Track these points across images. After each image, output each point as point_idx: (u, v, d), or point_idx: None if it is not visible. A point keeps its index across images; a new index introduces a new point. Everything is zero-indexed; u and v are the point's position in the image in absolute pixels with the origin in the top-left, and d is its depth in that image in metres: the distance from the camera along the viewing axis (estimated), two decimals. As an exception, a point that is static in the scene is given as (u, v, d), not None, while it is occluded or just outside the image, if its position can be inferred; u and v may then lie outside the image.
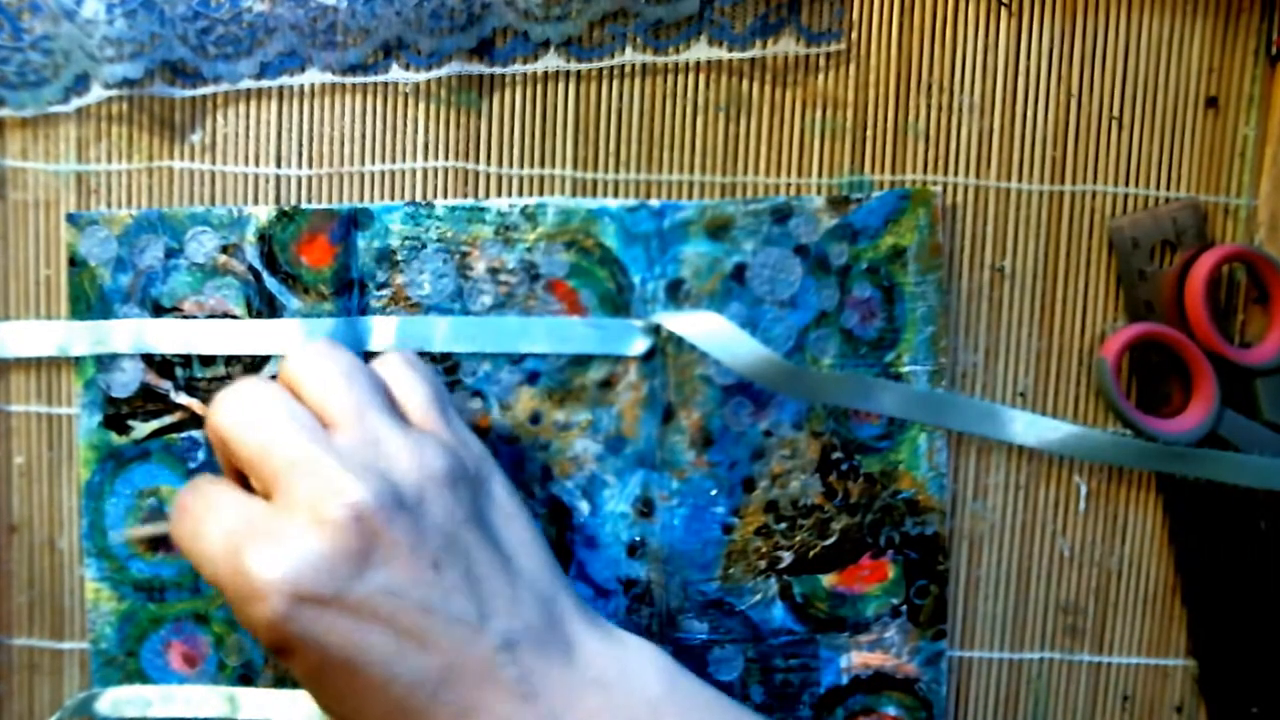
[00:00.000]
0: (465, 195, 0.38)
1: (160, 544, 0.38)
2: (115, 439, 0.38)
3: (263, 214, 0.37)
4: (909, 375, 0.38)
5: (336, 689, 0.29)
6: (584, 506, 0.38)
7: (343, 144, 0.38)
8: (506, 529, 0.32)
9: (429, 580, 0.29)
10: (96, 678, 0.39)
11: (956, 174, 0.38)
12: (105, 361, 0.38)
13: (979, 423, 0.38)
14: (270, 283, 0.38)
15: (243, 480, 0.32)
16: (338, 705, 0.30)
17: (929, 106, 0.38)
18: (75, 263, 0.38)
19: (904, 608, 0.38)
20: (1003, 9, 0.37)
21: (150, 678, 0.39)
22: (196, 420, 0.38)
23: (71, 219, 0.38)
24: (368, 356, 0.37)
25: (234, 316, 0.38)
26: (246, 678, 0.38)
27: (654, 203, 0.37)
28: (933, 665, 0.38)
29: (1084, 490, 0.39)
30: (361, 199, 0.38)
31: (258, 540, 0.29)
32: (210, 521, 0.30)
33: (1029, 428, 0.38)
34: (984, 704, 0.39)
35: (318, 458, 0.29)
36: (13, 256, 0.38)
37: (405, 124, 0.38)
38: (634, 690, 0.30)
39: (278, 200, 0.38)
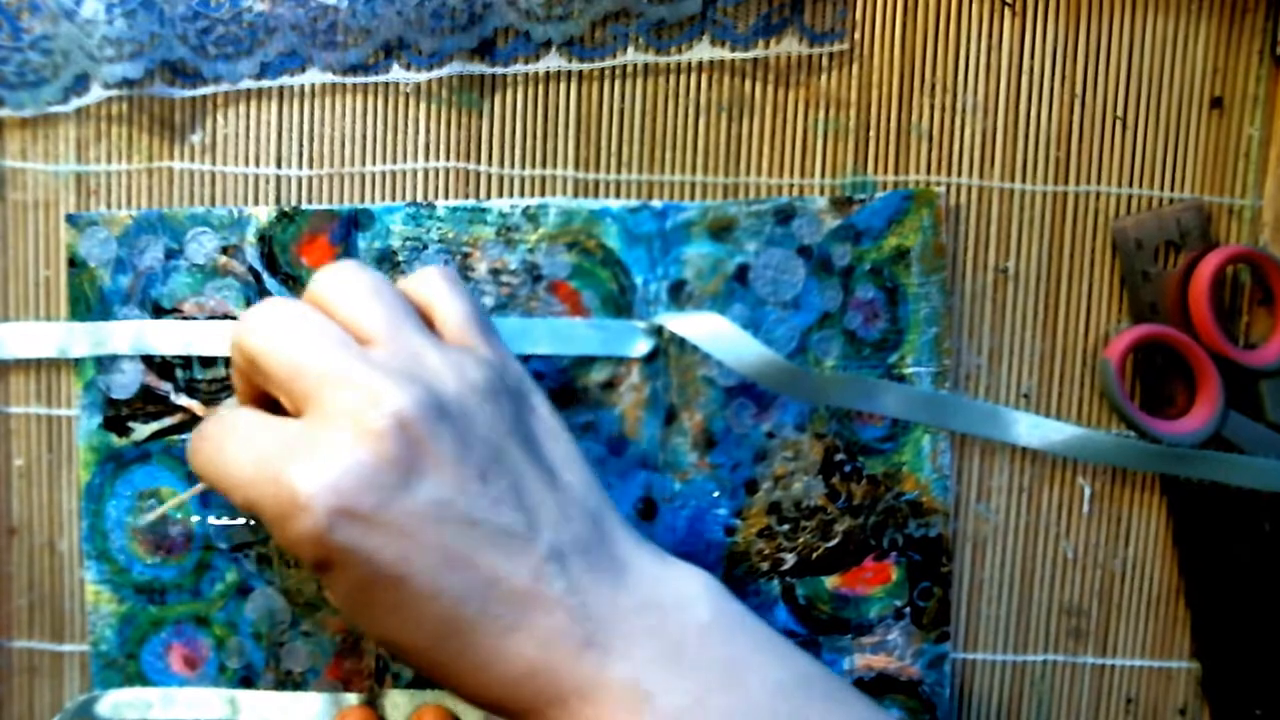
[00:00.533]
0: (466, 196, 0.38)
1: (160, 546, 0.38)
2: (115, 441, 0.38)
3: (263, 215, 0.37)
4: (912, 377, 0.38)
5: (381, 605, 0.28)
6: None
7: (343, 144, 0.38)
8: (551, 445, 0.31)
9: (475, 491, 0.28)
10: (97, 680, 0.38)
11: (960, 174, 0.38)
12: (105, 363, 0.38)
13: (982, 424, 0.38)
14: (271, 284, 0.37)
15: (267, 407, 0.31)
16: (381, 623, 0.29)
17: (932, 107, 0.38)
18: (75, 264, 0.38)
19: (907, 610, 0.38)
20: (1006, 9, 0.37)
21: (151, 680, 0.39)
22: (197, 421, 0.38)
23: (71, 220, 0.38)
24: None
25: (234, 318, 0.38)
26: (247, 680, 0.38)
27: (656, 203, 0.37)
28: (936, 668, 0.38)
29: (1088, 492, 0.39)
30: (362, 200, 0.38)
31: (296, 455, 0.28)
32: (236, 443, 0.29)
33: (1033, 429, 0.38)
34: (987, 706, 0.39)
35: (355, 369, 0.28)
36: (12, 258, 0.38)
37: (406, 124, 0.38)
38: (684, 615, 0.30)
39: (278, 201, 0.38)
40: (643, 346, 0.37)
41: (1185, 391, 0.38)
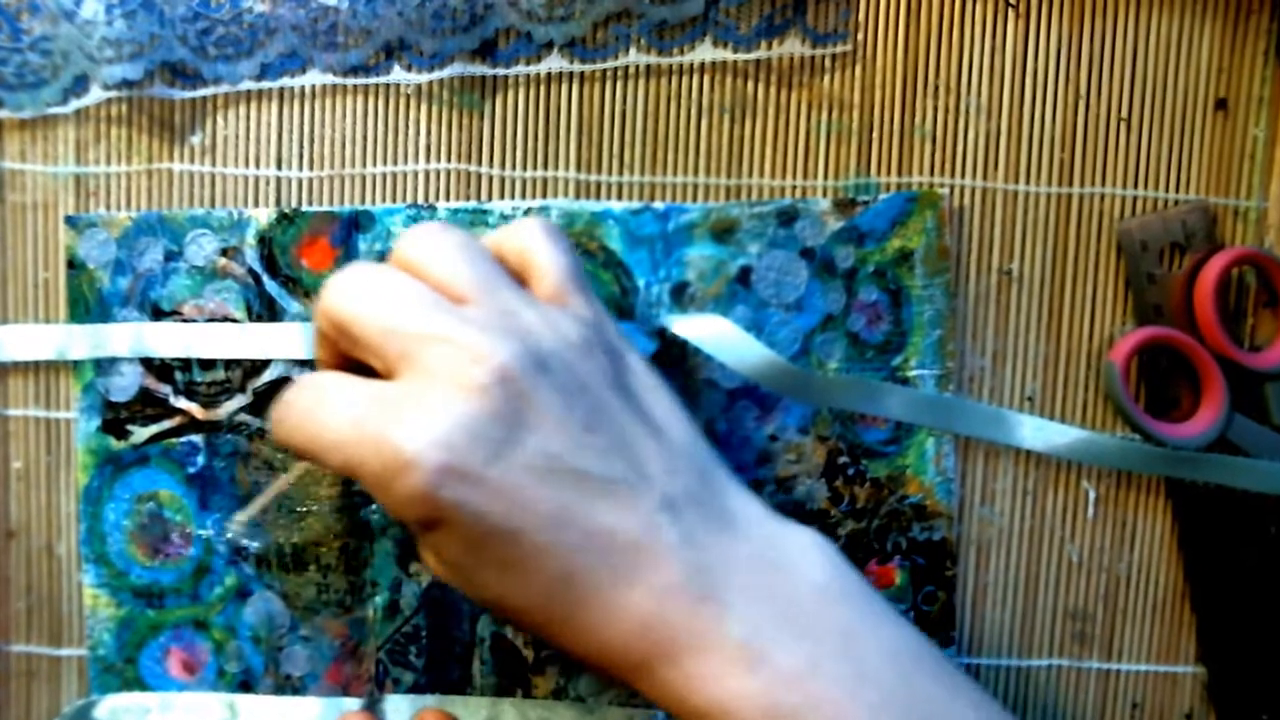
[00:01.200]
0: (468, 197, 0.38)
1: (156, 551, 0.38)
2: (114, 444, 0.38)
3: (263, 216, 0.37)
4: (916, 379, 0.37)
5: (491, 564, 0.28)
6: None
7: (344, 146, 0.37)
8: (652, 400, 0.30)
9: (582, 442, 0.28)
10: (95, 685, 0.38)
11: (964, 176, 0.38)
12: (104, 365, 0.38)
13: (986, 427, 0.38)
14: (270, 286, 0.37)
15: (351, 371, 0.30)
16: (490, 583, 0.28)
17: (936, 108, 0.37)
18: (74, 265, 0.38)
19: (911, 614, 0.38)
20: (1010, 10, 0.37)
21: (149, 685, 0.38)
22: (196, 424, 0.38)
23: (70, 221, 0.38)
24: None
25: (234, 320, 0.37)
26: (246, 684, 0.38)
27: (658, 205, 0.37)
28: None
29: (1093, 495, 0.38)
30: (363, 201, 0.38)
31: (398, 414, 0.27)
32: (330, 406, 0.28)
33: (1037, 432, 0.38)
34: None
35: (451, 326, 0.28)
36: (11, 259, 0.38)
37: (407, 126, 0.37)
38: (798, 574, 0.29)
39: (278, 202, 0.38)
40: (645, 349, 0.37)
41: (1190, 394, 0.38)
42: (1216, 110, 0.38)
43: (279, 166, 0.38)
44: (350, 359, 0.30)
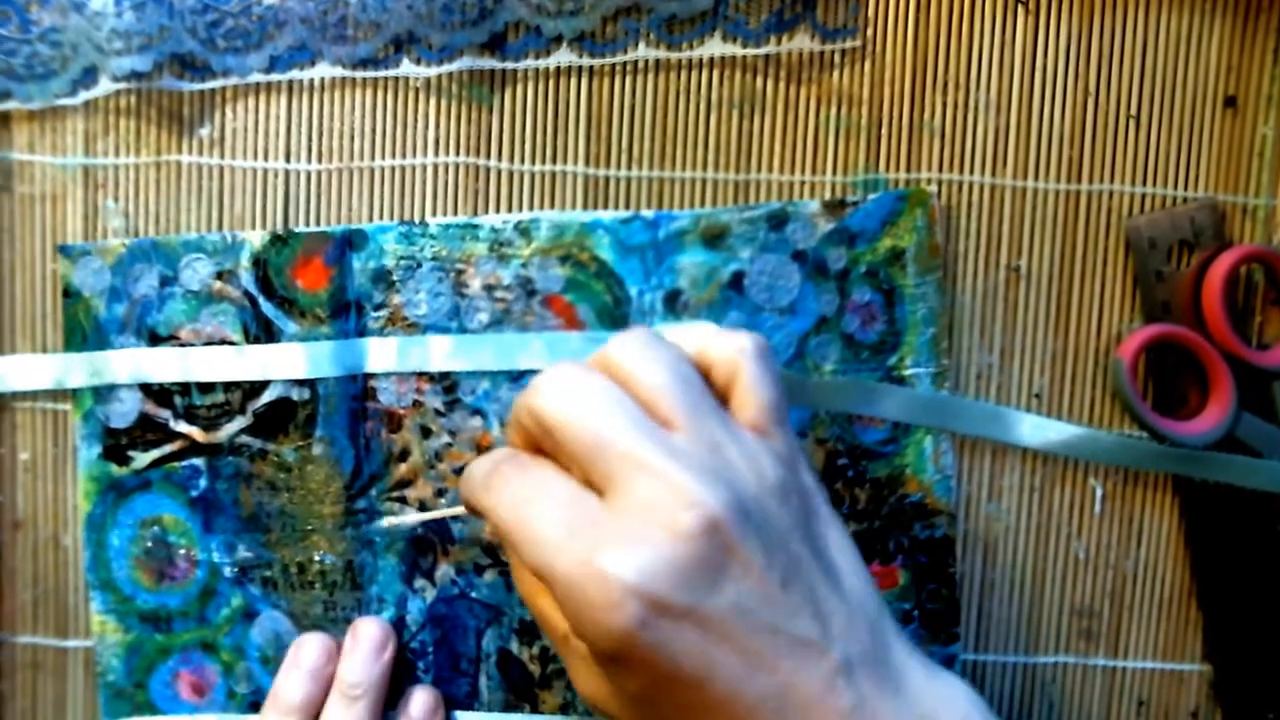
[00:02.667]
0: (476, 191, 0.38)
1: (161, 575, 0.38)
2: (115, 470, 0.38)
3: (256, 239, 0.37)
4: (912, 378, 0.37)
5: (674, 705, 0.28)
6: None
7: (353, 139, 0.37)
8: (833, 544, 0.30)
9: (778, 599, 0.28)
10: (105, 710, 0.38)
11: (972, 172, 0.38)
12: (103, 393, 0.38)
13: (985, 425, 0.38)
14: (266, 307, 0.37)
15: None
16: None
17: (944, 104, 0.37)
18: (69, 294, 0.38)
19: (916, 613, 0.38)
20: (1020, 6, 0.37)
21: (160, 709, 0.38)
22: (197, 448, 0.38)
23: (64, 250, 0.37)
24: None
25: (231, 343, 0.37)
26: (256, 705, 0.38)
27: (648, 213, 0.37)
28: (946, 669, 0.38)
29: (1099, 493, 0.38)
30: (372, 194, 0.38)
31: (609, 540, 0.27)
32: (543, 504, 0.29)
33: (1035, 429, 0.38)
34: (998, 708, 0.39)
35: (661, 458, 0.28)
36: (19, 250, 0.38)
37: (416, 119, 0.37)
38: None
39: (286, 194, 0.38)
40: None
41: (1198, 392, 0.38)
42: (1225, 108, 0.38)
43: (288, 159, 0.38)
44: (542, 450, 0.30)
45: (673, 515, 0.27)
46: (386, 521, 0.37)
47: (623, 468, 0.28)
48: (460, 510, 0.33)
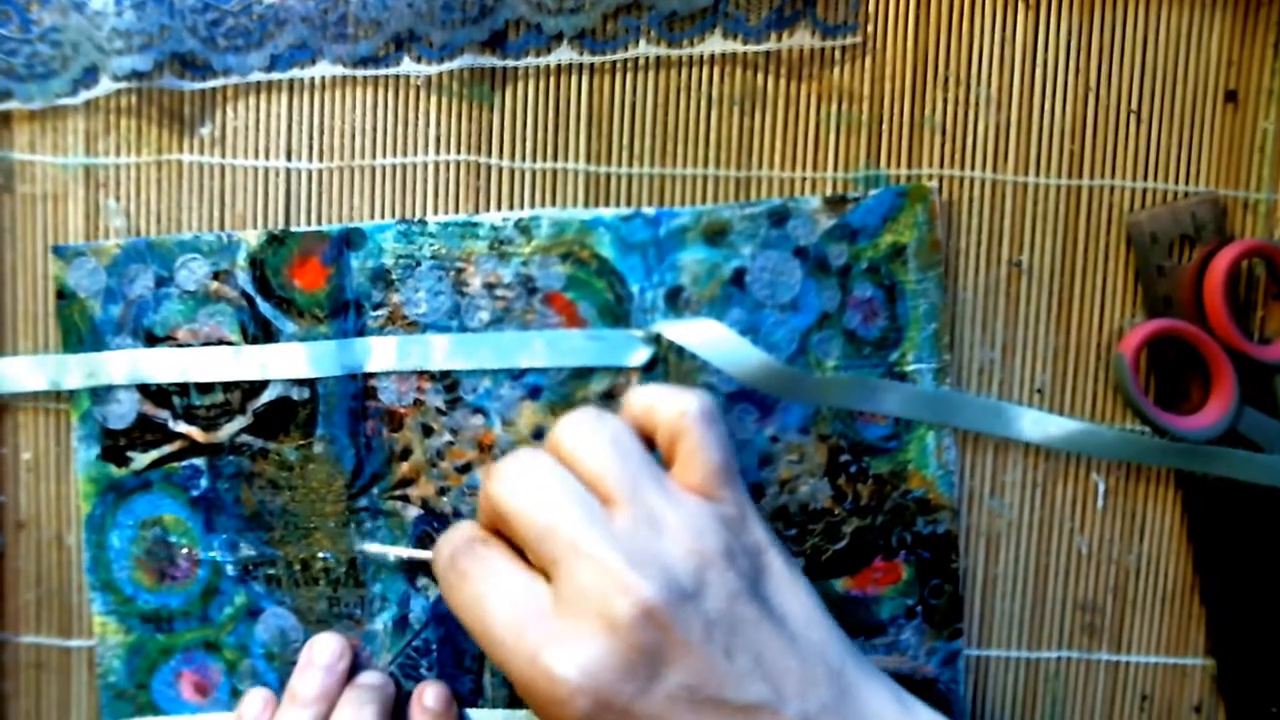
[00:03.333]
0: (477, 189, 0.38)
1: (162, 575, 0.38)
2: (114, 471, 0.38)
3: (253, 238, 0.37)
4: (914, 374, 0.37)
5: None
6: None
7: (353, 137, 0.37)
8: (786, 599, 0.31)
9: (722, 670, 0.29)
10: (106, 712, 0.38)
11: (973, 168, 0.38)
12: (100, 394, 0.38)
13: (986, 420, 0.38)
14: (264, 307, 0.37)
15: (504, 538, 0.32)
16: None
17: (945, 100, 0.37)
18: (64, 295, 0.38)
19: (919, 608, 0.38)
20: (1020, 2, 0.37)
21: (162, 709, 0.38)
22: (196, 448, 0.38)
23: (58, 251, 0.37)
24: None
25: (229, 343, 0.37)
26: None
27: (649, 210, 0.37)
28: (950, 665, 0.38)
29: (1102, 487, 0.38)
30: (373, 193, 0.38)
31: (551, 636, 0.29)
32: (493, 596, 0.30)
33: (1036, 424, 0.38)
34: (1002, 703, 0.39)
35: (600, 547, 0.29)
36: (20, 250, 0.38)
37: (417, 117, 0.37)
38: None
39: (287, 193, 0.38)
40: (641, 355, 0.37)
41: (1200, 386, 0.38)
42: (1226, 102, 0.38)
43: (288, 158, 0.38)
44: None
45: (607, 604, 0.29)
46: (370, 548, 0.38)
47: (565, 554, 0.29)
48: (423, 554, 0.36)
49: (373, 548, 0.38)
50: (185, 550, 0.38)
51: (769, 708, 0.29)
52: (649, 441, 0.33)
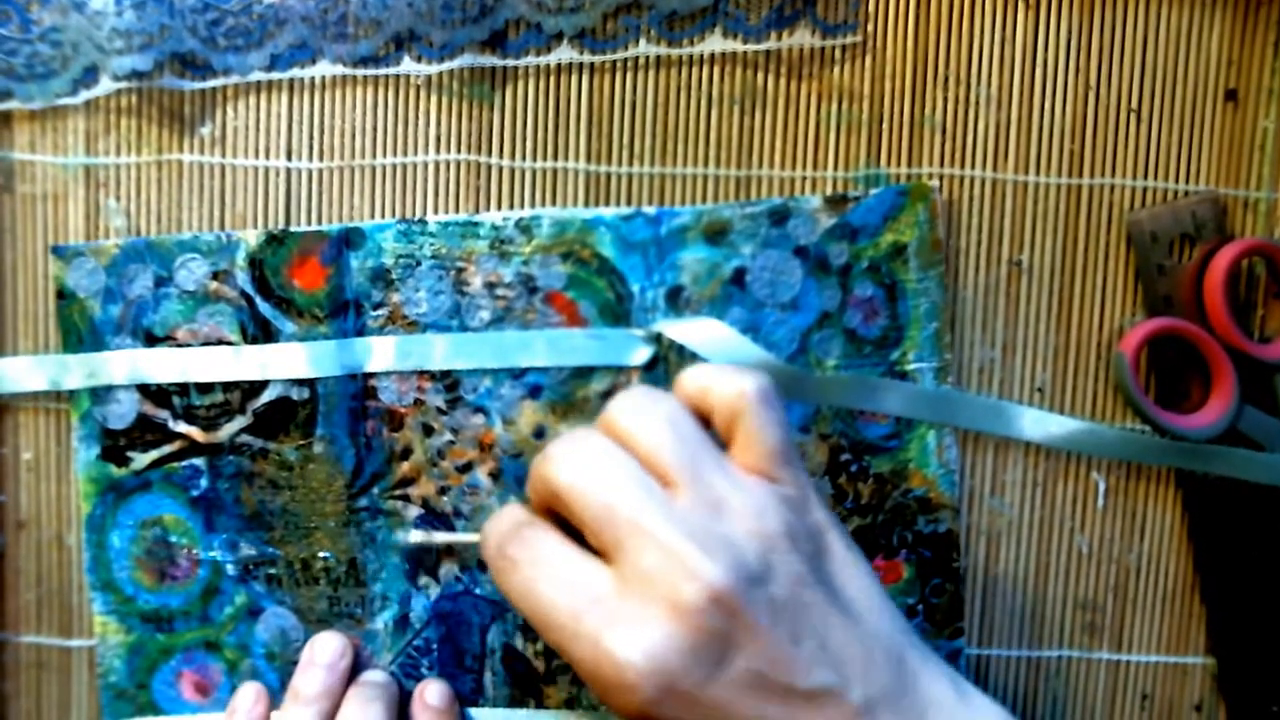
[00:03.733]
0: (478, 188, 0.38)
1: (163, 575, 0.38)
2: (115, 471, 0.38)
3: (252, 238, 0.37)
4: (915, 373, 0.37)
5: None
6: None
7: (354, 136, 0.37)
8: (848, 581, 0.31)
9: (789, 656, 0.28)
10: (107, 712, 0.38)
11: (973, 167, 0.38)
12: (100, 394, 0.38)
13: (986, 419, 0.38)
14: (264, 307, 0.37)
15: (557, 521, 0.31)
16: None
17: (946, 99, 0.37)
18: (64, 295, 0.37)
19: (920, 607, 0.38)
20: (1020, 1, 0.37)
21: (162, 709, 0.38)
22: (196, 447, 0.38)
23: (57, 251, 0.37)
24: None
25: (228, 343, 0.37)
26: None
27: (650, 210, 0.37)
28: (951, 663, 0.38)
29: (1102, 486, 0.38)
30: (373, 192, 0.38)
31: (614, 619, 0.28)
32: (548, 581, 0.30)
33: (1037, 423, 0.38)
34: (1002, 702, 0.38)
35: (664, 529, 0.28)
36: (20, 250, 0.38)
37: (417, 117, 0.37)
38: None
39: (288, 192, 0.38)
40: (642, 354, 0.37)
41: (1200, 385, 0.38)
42: (1226, 101, 0.38)
43: (289, 157, 0.38)
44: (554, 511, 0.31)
45: (676, 589, 0.28)
46: (414, 536, 0.37)
47: (628, 536, 0.29)
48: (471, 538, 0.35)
49: (416, 536, 0.37)
50: (185, 550, 0.38)
51: (834, 693, 0.28)
52: (704, 421, 0.32)
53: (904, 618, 0.31)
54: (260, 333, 0.37)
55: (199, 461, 0.38)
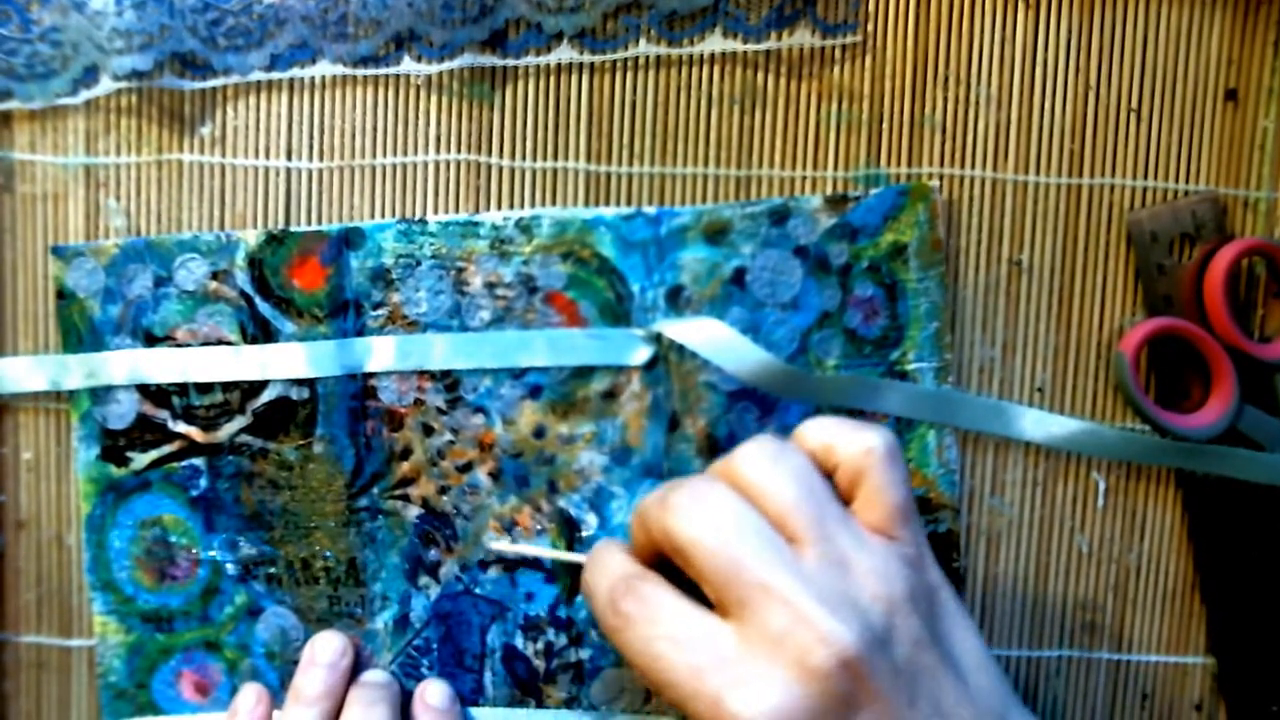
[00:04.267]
0: (478, 188, 0.38)
1: (162, 575, 0.38)
2: (114, 471, 0.38)
3: (251, 238, 0.37)
4: (915, 373, 0.37)
5: None
6: (592, 519, 0.38)
7: (354, 136, 0.37)
8: (959, 641, 0.31)
9: (904, 718, 0.28)
10: (107, 711, 0.38)
11: (973, 167, 0.38)
12: (100, 394, 0.38)
13: (987, 420, 0.38)
14: (263, 307, 0.37)
15: (663, 567, 0.31)
16: None
17: (946, 99, 0.37)
18: (63, 295, 0.37)
19: (920, 606, 0.38)
20: (1020, 1, 0.37)
21: (162, 709, 0.38)
22: (196, 448, 0.38)
23: (57, 251, 0.37)
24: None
25: (228, 343, 0.37)
26: None
27: (650, 210, 0.37)
28: None
29: (1102, 486, 0.38)
30: (373, 192, 0.38)
31: (737, 680, 0.28)
32: (667, 639, 0.29)
33: (1037, 424, 0.38)
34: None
35: (793, 589, 0.28)
36: (20, 250, 0.38)
37: (417, 116, 0.37)
38: None
39: (288, 192, 0.38)
40: (642, 354, 0.37)
41: (1200, 385, 0.38)
42: (1226, 101, 0.38)
43: (289, 157, 0.38)
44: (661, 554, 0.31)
45: (805, 651, 0.28)
46: (499, 545, 0.37)
47: (755, 595, 0.28)
48: (582, 558, 0.34)
49: (500, 545, 0.37)
50: (185, 550, 0.38)
51: None
52: (826, 476, 0.31)
53: (1003, 672, 0.31)
54: (260, 333, 0.37)
55: (199, 461, 0.38)
